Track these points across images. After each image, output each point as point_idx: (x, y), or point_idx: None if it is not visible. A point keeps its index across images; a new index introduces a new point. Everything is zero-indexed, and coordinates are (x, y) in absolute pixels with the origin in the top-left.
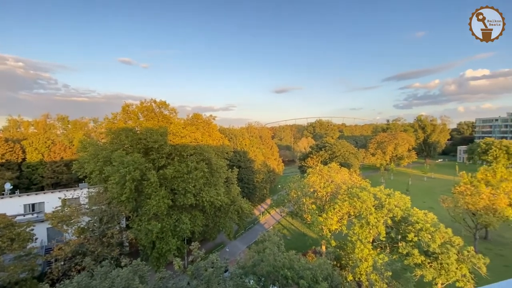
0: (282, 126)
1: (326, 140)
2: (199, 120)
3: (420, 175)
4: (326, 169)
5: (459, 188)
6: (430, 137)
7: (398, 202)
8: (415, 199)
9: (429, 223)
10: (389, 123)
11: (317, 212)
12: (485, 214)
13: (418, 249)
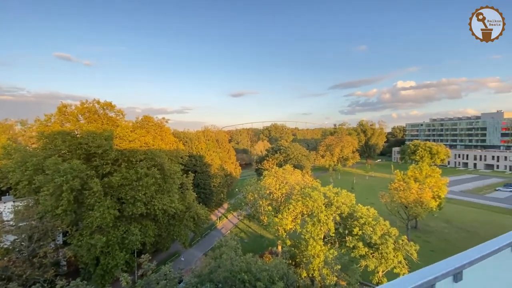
0: (239, 130)
1: (281, 143)
2: (150, 123)
3: (363, 174)
4: (281, 171)
5: (394, 184)
6: (370, 139)
7: (345, 200)
8: (359, 196)
9: (371, 217)
10: (336, 127)
11: (273, 213)
12: (415, 207)
13: (362, 241)
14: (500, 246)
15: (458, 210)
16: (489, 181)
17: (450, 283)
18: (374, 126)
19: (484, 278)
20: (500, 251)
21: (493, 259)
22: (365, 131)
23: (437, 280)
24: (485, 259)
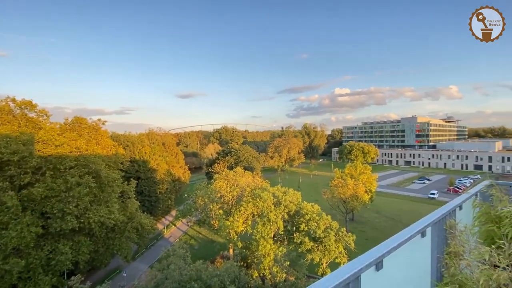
0: (188, 133)
1: (232, 146)
2: (83, 125)
3: (308, 173)
4: (232, 173)
5: (334, 182)
6: (313, 141)
7: (292, 198)
8: (304, 194)
9: (315, 213)
10: (283, 130)
11: (224, 216)
12: (352, 201)
13: (308, 236)
14: (412, 234)
15: (385, 202)
16: (408, 175)
17: (373, 272)
18: (317, 129)
19: (400, 262)
20: (412, 238)
21: (407, 245)
22: (309, 134)
23: (362, 271)
24: (401, 246)
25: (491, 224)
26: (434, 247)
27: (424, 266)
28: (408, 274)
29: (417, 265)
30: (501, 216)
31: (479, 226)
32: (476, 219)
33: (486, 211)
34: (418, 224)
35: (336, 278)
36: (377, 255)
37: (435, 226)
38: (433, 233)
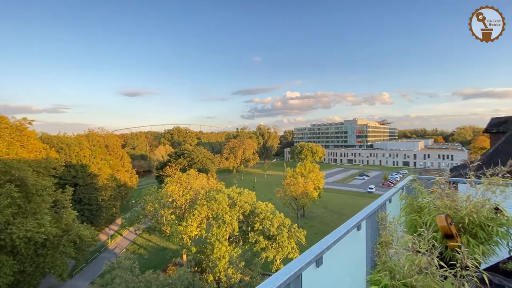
0: (135, 133)
1: (185, 147)
2: (3, 125)
3: (262, 173)
4: (185, 176)
5: (286, 180)
6: (267, 142)
7: (247, 199)
8: (259, 194)
9: (269, 211)
10: (238, 131)
11: (177, 221)
12: (302, 198)
13: (263, 235)
14: (349, 228)
15: (331, 197)
16: (350, 172)
17: (313, 269)
18: (270, 130)
19: (339, 256)
20: (349, 232)
21: (345, 239)
22: (263, 135)
23: (303, 269)
24: (339, 241)
25: (414, 214)
26: (368, 239)
27: (360, 257)
28: (346, 266)
29: (354, 257)
30: (421, 206)
31: (405, 216)
32: (402, 210)
33: (410, 203)
34: (354, 219)
35: (277, 279)
36: (317, 252)
37: (369, 219)
38: (367, 226)
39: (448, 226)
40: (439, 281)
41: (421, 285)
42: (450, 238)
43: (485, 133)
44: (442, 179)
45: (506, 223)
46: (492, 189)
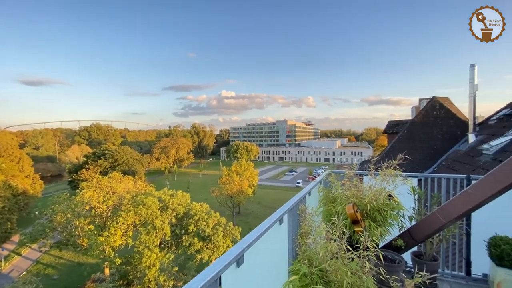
0: (39, 131)
1: (106, 146)
2: None
3: (197, 173)
4: (106, 180)
5: (222, 179)
6: (202, 141)
7: (181, 200)
8: (194, 194)
9: (204, 212)
10: (171, 129)
11: (96, 232)
12: (238, 196)
13: (198, 237)
14: (271, 223)
15: (265, 193)
16: (281, 169)
17: (234, 269)
18: (206, 129)
19: (262, 252)
20: (271, 227)
21: (267, 234)
22: (198, 133)
23: (222, 271)
24: (261, 237)
25: (329, 204)
26: (290, 231)
27: (283, 250)
28: (270, 260)
29: (277, 250)
30: (335, 197)
31: (322, 207)
32: (320, 202)
33: (326, 195)
34: (276, 213)
35: (195, 284)
36: (237, 252)
37: (290, 212)
38: (289, 219)
39: (355, 213)
40: (347, 263)
41: (333, 269)
42: (356, 224)
43: (384, 133)
44: (350, 173)
45: (397, 207)
46: (386, 179)
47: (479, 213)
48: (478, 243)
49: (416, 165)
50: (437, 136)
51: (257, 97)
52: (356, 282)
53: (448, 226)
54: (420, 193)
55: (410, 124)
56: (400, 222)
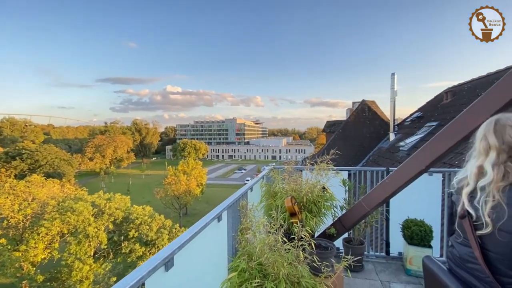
0: None
1: (24, 145)
2: None
3: (139, 173)
4: (23, 184)
5: (167, 180)
6: (145, 139)
7: (119, 204)
8: (136, 197)
9: (147, 215)
10: (107, 125)
11: (10, 246)
12: (185, 196)
13: (140, 242)
14: (208, 221)
15: (214, 192)
16: (230, 167)
17: (161, 274)
18: (149, 126)
19: (197, 252)
20: (208, 225)
21: (203, 233)
22: (140, 131)
23: (146, 277)
24: (197, 236)
25: (271, 199)
26: (229, 228)
27: (222, 247)
28: (207, 261)
29: (215, 249)
30: (276, 192)
31: (264, 202)
32: (262, 197)
33: (268, 190)
34: (214, 211)
35: None
36: (166, 254)
37: (230, 209)
38: (229, 216)
39: (293, 206)
40: (284, 255)
41: (270, 261)
42: (294, 216)
43: (323, 132)
44: (289, 168)
45: (330, 198)
46: (321, 173)
47: (395, 200)
48: (395, 226)
49: (349, 160)
50: (366, 135)
51: (206, 94)
52: (292, 272)
53: (371, 212)
54: (349, 185)
55: (344, 124)
56: (333, 212)
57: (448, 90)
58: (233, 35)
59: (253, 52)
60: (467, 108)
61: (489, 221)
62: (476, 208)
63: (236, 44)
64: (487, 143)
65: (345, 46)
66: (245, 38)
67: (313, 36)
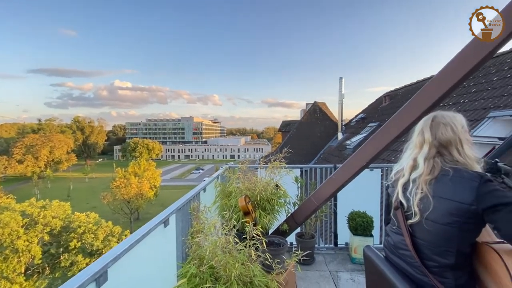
0: None
1: None
2: None
3: (82, 177)
4: None
5: (116, 183)
6: (89, 138)
7: (57, 212)
8: (78, 203)
9: (92, 223)
10: (41, 123)
11: None
12: (136, 200)
13: (83, 253)
14: (152, 227)
15: (169, 194)
16: (187, 167)
17: None
18: (93, 124)
19: (137, 263)
20: (153, 230)
21: (147, 240)
22: (83, 129)
23: None
24: (140, 243)
25: (225, 199)
26: (179, 233)
27: (170, 254)
28: (150, 270)
29: (162, 256)
30: (230, 191)
31: (218, 202)
32: (216, 197)
33: (223, 189)
34: (160, 215)
35: None
36: (97, 269)
37: (179, 212)
38: (178, 219)
39: (246, 204)
40: (236, 255)
41: (221, 264)
42: (248, 215)
43: (279, 131)
44: (244, 167)
45: (283, 195)
46: (274, 171)
47: (342, 194)
48: (342, 218)
49: (303, 158)
50: (317, 134)
51: (159, 90)
52: (244, 272)
53: (320, 207)
54: (301, 182)
55: (298, 124)
56: (287, 208)
57: (386, 94)
58: (187, 31)
59: (209, 50)
60: (398, 110)
61: (418, 211)
62: (408, 199)
63: (190, 41)
64: (422, 138)
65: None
66: (199, 36)
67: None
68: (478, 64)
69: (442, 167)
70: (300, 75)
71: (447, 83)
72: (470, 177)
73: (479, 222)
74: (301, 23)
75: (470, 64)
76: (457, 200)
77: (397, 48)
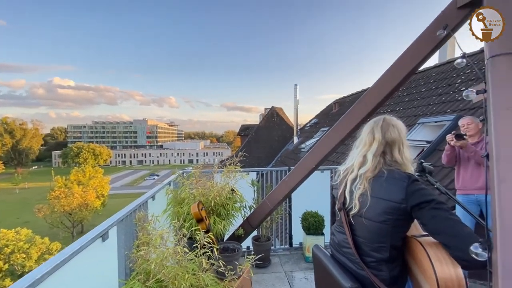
0: None
1: None
2: None
3: (11, 187)
4: None
5: (55, 193)
6: (20, 143)
7: None
8: (6, 218)
9: (23, 240)
10: None
11: None
12: (80, 211)
13: (12, 276)
14: (85, 242)
15: (119, 203)
16: (140, 173)
17: None
18: (26, 126)
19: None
20: (88, 246)
21: (81, 257)
22: (12, 132)
23: None
24: (68, 263)
25: (177, 206)
26: (121, 246)
27: (110, 271)
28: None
29: (100, 274)
30: (183, 198)
31: (170, 210)
32: (168, 204)
33: (175, 196)
34: (97, 229)
35: None
36: (25, 285)
37: (122, 223)
38: (119, 232)
39: (199, 211)
40: (186, 266)
41: (169, 277)
42: (201, 222)
43: (238, 135)
44: (197, 172)
45: (239, 199)
46: (229, 175)
47: (296, 195)
48: (296, 219)
49: (262, 161)
50: (275, 138)
51: (108, 90)
52: (195, 283)
53: (275, 209)
54: (257, 185)
55: (257, 128)
56: (243, 212)
57: (335, 101)
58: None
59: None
60: (341, 117)
61: (358, 203)
62: (352, 192)
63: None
64: (372, 136)
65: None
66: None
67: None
68: (404, 78)
69: (381, 167)
70: (260, 80)
71: (381, 93)
72: (400, 177)
73: (409, 218)
74: (261, 28)
75: (397, 79)
76: (390, 199)
77: (344, 58)
